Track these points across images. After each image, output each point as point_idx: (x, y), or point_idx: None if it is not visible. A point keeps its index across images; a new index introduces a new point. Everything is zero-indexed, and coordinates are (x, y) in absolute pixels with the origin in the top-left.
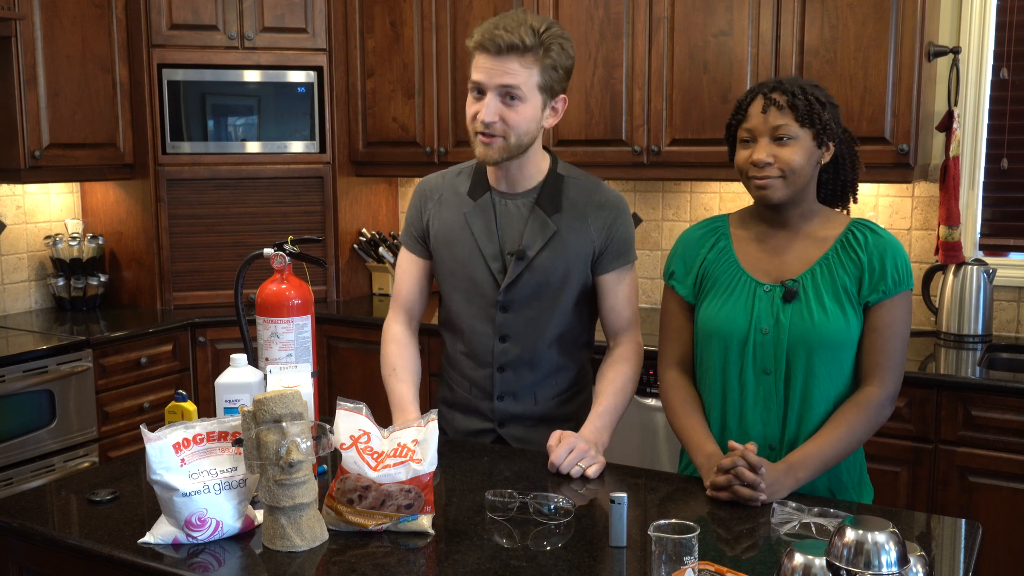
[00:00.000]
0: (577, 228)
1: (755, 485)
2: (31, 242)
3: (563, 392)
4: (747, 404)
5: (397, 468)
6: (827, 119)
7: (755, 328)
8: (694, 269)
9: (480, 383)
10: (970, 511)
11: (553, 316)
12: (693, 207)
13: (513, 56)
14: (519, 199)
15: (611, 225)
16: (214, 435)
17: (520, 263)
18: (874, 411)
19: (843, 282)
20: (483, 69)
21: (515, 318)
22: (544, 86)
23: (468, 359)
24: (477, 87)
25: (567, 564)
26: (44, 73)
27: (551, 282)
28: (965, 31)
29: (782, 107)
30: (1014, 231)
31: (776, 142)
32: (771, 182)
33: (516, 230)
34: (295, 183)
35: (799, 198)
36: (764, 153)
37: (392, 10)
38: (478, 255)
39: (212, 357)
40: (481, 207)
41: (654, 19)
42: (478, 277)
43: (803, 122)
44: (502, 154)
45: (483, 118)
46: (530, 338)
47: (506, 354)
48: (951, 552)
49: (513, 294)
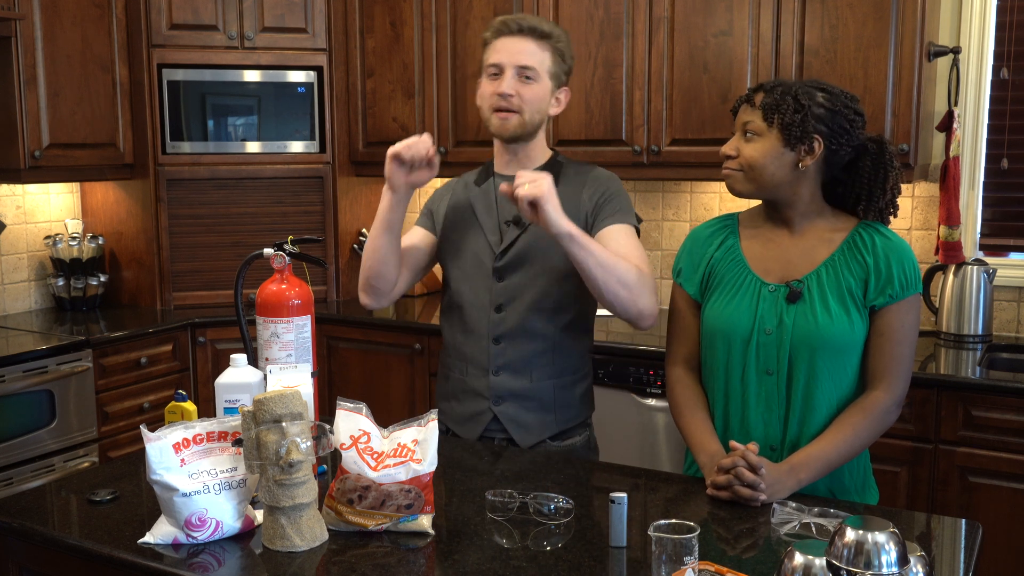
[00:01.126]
0: (571, 197)
1: (755, 485)
2: (31, 242)
3: (560, 375)
4: (749, 404)
5: (397, 468)
6: (797, 120)
7: (759, 328)
8: (701, 267)
9: (477, 359)
10: (970, 511)
11: (546, 282)
12: (693, 207)
13: (531, 38)
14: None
15: (604, 190)
16: (214, 435)
17: (516, 229)
18: (880, 416)
19: (848, 284)
20: (502, 50)
21: (509, 286)
22: (554, 73)
23: (465, 336)
24: (496, 67)
25: (567, 564)
26: (44, 73)
27: (543, 246)
28: (965, 31)
29: (754, 105)
30: (1014, 231)
31: (744, 137)
32: (730, 173)
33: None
34: (295, 183)
35: (796, 198)
36: (730, 146)
37: (392, 10)
38: (478, 228)
39: (212, 357)
40: (484, 190)
41: (654, 19)
42: (477, 248)
43: (768, 120)
44: (517, 129)
45: (502, 90)
46: (525, 305)
47: (502, 324)
48: (951, 552)
49: (507, 259)
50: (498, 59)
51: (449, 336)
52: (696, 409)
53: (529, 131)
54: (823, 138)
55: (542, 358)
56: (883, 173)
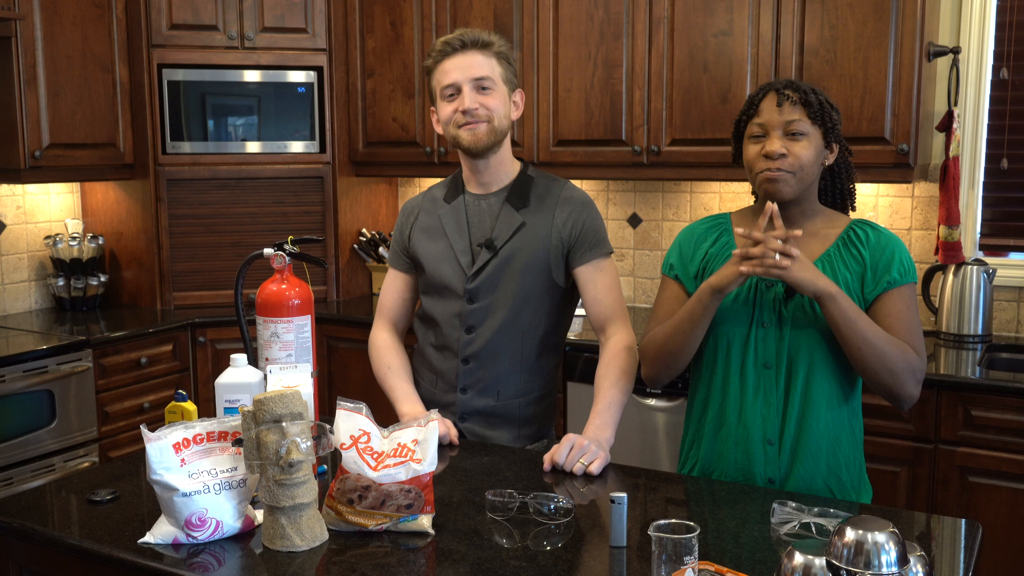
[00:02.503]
0: (542, 220)
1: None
2: (31, 242)
3: (526, 393)
4: (747, 398)
5: (397, 468)
6: (836, 120)
7: (756, 323)
8: (696, 262)
9: (446, 375)
10: (970, 511)
11: (516, 304)
12: (693, 207)
13: (476, 50)
14: (491, 197)
15: (578, 218)
16: (214, 435)
17: (487, 252)
18: (913, 364)
19: (845, 278)
20: (453, 69)
21: (480, 309)
22: (506, 78)
23: (436, 351)
24: (451, 88)
25: (567, 564)
26: (44, 73)
27: (514, 269)
28: (965, 31)
29: (795, 103)
30: (1014, 231)
31: (788, 137)
32: (782, 175)
33: (487, 225)
34: (295, 183)
35: (802, 196)
36: (778, 145)
37: (392, 10)
38: (449, 250)
39: (212, 357)
40: (454, 208)
41: (654, 19)
42: (448, 271)
43: (815, 119)
44: (489, 136)
45: (466, 106)
46: (494, 328)
47: (471, 344)
48: (951, 552)
49: (479, 283)
50: (452, 79)
51: (423, 343)
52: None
53: (499, 139)
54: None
55: (510, 378)
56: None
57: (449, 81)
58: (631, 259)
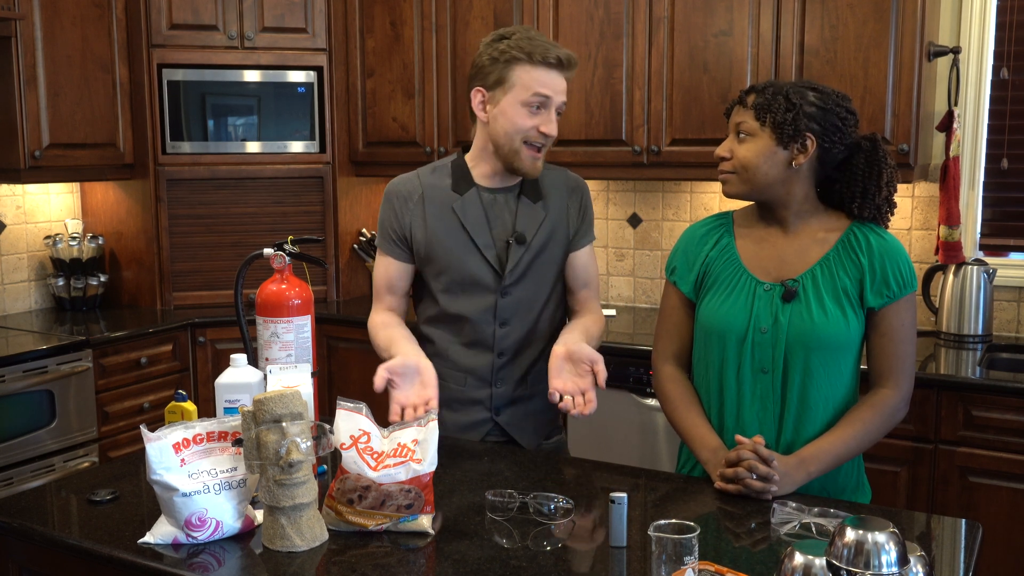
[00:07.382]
0: (560, 210)
1: (769, 478)
2: (31, 242)
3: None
4: (744, 403)
5: (397, 468)
6: (789, 118)
7: (754, 327)
8: (696, 266)
9: (478, 370)
10: (970, 511)
11: (544, 294)
12: (693, 207)
13: (567, 72)
14: (504, 192)
15: (582, 204)
16: (214, 435)
17: (521, 247)
18: (889, 412)
19: (843, 284)
20: (550, 85)
21: (513, 301)
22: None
23: (467, 348)
24: (540, 99)
25: (567, 564)
26: (44, 73)
27: (543, 261)
28: (965, 31)
29: (747, 106)
30: (1014, 231)
31: (737, 138)
32: (726, 176)
33: (506, 220)
34: (295, 183)
35: (778, 197)
36: (723, 148)
37: (392, 10)
38: (471, 246)
39: (212, 357)
40: (468, 201)
41: (654, 19)
42: (474, 268)
43: (760, 119)
44: (542, 165)
45: (551, 132)
46: (527, 319)
47: (506, 338)
48: (951, 552)
49: (515, 277)
50: (547, 92)
51: (444, 345)
52: (692, 405)
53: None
54: (815, 136)
55: (538, 365)
56: (877, 170)
57: (546, 92)
58: (631, 259)
